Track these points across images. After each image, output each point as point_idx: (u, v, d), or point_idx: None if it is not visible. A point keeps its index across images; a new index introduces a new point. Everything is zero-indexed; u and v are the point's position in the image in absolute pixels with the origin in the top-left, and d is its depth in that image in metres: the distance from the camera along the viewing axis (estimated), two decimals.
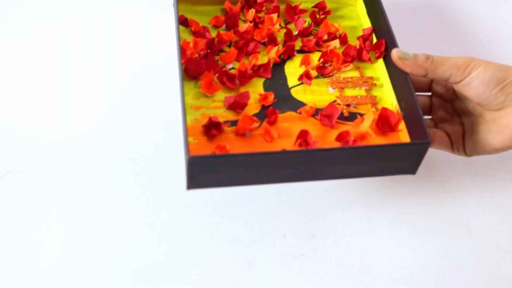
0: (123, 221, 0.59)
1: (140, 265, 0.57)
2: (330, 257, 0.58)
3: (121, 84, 0.68)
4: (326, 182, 0.62)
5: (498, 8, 0.79)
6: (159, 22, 0.72)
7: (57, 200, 0.60)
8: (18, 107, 0.66)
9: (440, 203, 0.62)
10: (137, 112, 0.66)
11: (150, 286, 0.56)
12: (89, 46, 0.71)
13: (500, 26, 0.77)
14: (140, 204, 0.60)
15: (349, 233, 0.59)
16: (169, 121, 0.64)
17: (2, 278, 0.55)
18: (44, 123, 0.65)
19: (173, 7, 0.60)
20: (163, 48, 0.69)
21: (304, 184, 0.61)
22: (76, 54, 0.71)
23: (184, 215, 0.59)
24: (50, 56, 0.70)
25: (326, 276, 0.57)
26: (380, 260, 0.58)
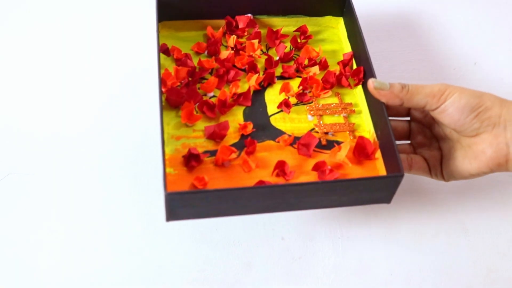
0: (122, 222, 0.59)
1: (139, 266, 0.57)
2: (328, 259, 0.58)
3: (121, 84, 0.68)
4: None
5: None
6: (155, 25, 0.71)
7: (57, 202, 0.60)
8: (18, 109, 0.66)
9: (438, 206, 0.62)
10: (137, 112, 0.66)
11: (149, 287, 0.56)
12: (88, 47, 0.72)
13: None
14: (140, 205, 0.60)
15: (347, 235, 0.60)
16: None
17: (2, 279, 0.56)
18: (45, 125, 0.65)
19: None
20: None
21: None
22: (76, 55, 0.71)
23: None
24: (50, 57, 0.70)
25: (324, 278, 0.58)
26: (378, 262, 0.59)
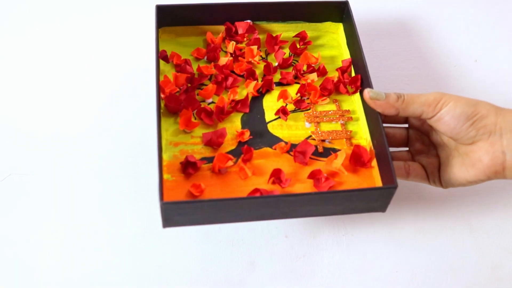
0: (123, 221, 0.60)
1: (141, 265, 0.57)
2: (333, 257, 0.59)
3: (122, 85, 0.68)
4: None
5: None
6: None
7: (57, 202, 0.61)
8: (18, 110, 0.66)
9: (443, 203, 0.62)
10: (137, 112, 0.66)
11: (152, 287, 0.57)
12: (89, 48, 0.72)
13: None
14: (141, 205, 0.60)
15: (351, 233, 0.60)
16: None
17: (2, 279, 0.56)
18: (45, 126, 0.65)
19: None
20: None
21: None
22: (76, 56, 0.71)
23: None
24: (50, 58, 0.71)
25: (329, 276, 0.58)
26: (382, 260, 0.59)
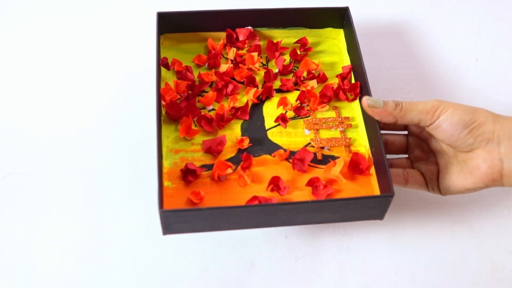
0: (123, 221, 0.60)
1: (141, 266, 0.58)
2: (332, 258, 0.59)
3: (121, 85, 0.69)
4: None
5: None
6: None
7: (57, 202, 0.61)
8: (18, 109, 0.67)
9: (443, 203, 0.62)
10: (137, 113, 0.66)
11: (152, 287, 0.57)
12: (89, 49, 0.72)
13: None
14: (141, 205, 0.60)
15: (351, 234, 0.60)
16: None
17: (2, 279, 0.57)
18: (45, 125, 0.65)
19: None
20: None
21: None
22: (77, 58, 0.71)
23: None
24: (50, 58, 0.71)
25: (328, 277, 0.58)
26: (382, 261, 0.59)
